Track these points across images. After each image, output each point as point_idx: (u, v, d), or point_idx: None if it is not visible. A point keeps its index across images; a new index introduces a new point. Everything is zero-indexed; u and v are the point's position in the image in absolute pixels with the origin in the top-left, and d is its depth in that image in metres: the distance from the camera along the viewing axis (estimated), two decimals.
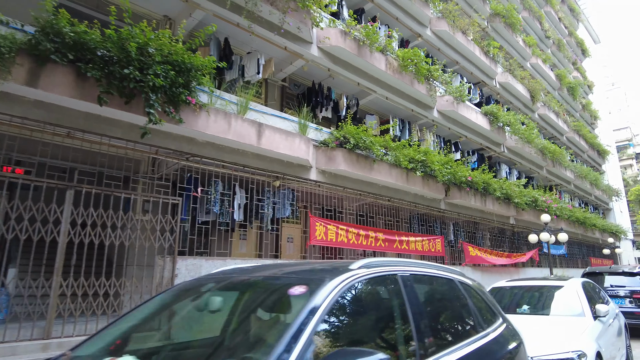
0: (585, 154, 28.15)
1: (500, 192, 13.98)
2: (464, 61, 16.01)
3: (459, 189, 12.65)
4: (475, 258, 13.22)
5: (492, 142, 16.49)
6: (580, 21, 34.79)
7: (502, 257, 14.73)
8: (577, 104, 27.62)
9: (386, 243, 10.29)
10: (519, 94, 19.10)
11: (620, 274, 9.28)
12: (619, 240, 29.67)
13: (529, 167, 19.55)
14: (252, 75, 9.21)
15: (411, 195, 11.59)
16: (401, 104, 12.52)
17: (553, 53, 26.55)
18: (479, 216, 14.40)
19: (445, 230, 13.77)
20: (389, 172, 10.30)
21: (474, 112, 14.75)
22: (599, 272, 9.61)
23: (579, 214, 20.62)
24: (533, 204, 16.31)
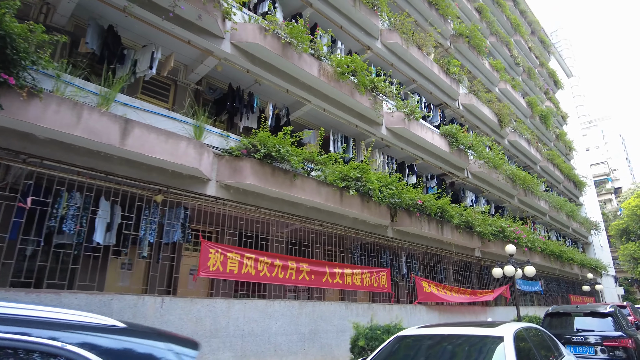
0: (561, 184, 27.07)
1: (459, 219, 12.44)
2: (421, 79, 14.87)
3: (409, 214, 11.07)
4: (430, 295, 11.45)
5: (454, 166, 15.11)
6: (552, 53, 34.82)
7: (464, 295, 12.96)
8: (551, 133, 26.82)
9: (312, 276, 8.52)
10: (485, 117, 18.00)
11: (589, 315, 7.63)
12: (599, 277, 28.16)
13: (499, 196, 18.16)
14: (144, 71, 7.70)
15: (349, 220, 9.94)
16: (343, 118, 11.11)
17: (524, 81, 25.95)
18: (436, 247, 12.75)
19: (397, 263, 12.06)
20: (317, 190, 8.70)
21: (430, 132, 13.42)
22: (564, 312, 7.93)
23: (554, 247, 19.11)
24: (500, 234, 14.77)
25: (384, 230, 10.88)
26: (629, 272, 41.88)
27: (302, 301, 8.09)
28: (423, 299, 11.23)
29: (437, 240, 12.73)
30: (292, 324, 7.76)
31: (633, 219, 40.19)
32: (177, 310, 6.28)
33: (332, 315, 8.54)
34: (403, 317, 10.29)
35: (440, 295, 11.84)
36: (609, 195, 55.47)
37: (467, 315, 12.88)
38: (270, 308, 7.49)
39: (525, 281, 17.97)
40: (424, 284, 11.39)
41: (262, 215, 8.54)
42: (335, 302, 8.78)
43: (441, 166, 14.65)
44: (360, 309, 9.28)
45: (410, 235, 11.69)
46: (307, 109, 10.78)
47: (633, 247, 39.37)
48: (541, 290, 19.42)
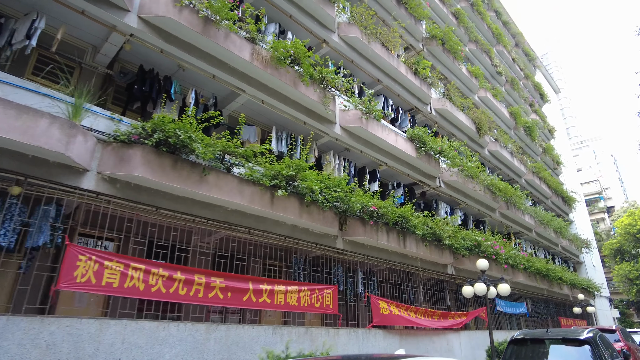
0: (549, 200, 25.76)
1: (423, 230, 11.00)
2: (387, 80, 13.68)
3: (362, 222, 9.65)
4: (388, 318, 9.89)
5: (424, 174, 13.76)
6: (537, 67, 34.12)
7: (432, 318, 11.41)
8: (537, 146, 25.68)
9: (228, 294, 7.01)
10: (461, 124, 16.79)
11: (563, 342, 6.13)
12: (592, 298, 26.56)
13: (478, 209, 16.78)
14: (21, 42, 6.39)
15: (287, 228, 8.49)
16: (287, 113, 9.80)
17: (507, 92, 24.98)
18: (400, 262, 11.26)
19: (352, 279, 10.54)
20: (238, 190, 7.28)
21: (393, 134, 12.13)
22: (532, 339, 6.43)
23: (539, 265, 17.61)
24: (476, 249, 13.31)
25: (332, 240, 9.42)
26: (625, 294, 40.23)
27: (210, 324, 6.56)
28: (379, 321, 9.67)
29: (400, 254, 11.26)
30: (195, 352, 6.21)
31: (627, 237, 38.86)
32: (18, 333, 4.77)
33: (254, 342, 7.00)
34: (352, 343, 8.75)
35: (404, 317, 10.29)
36: (602, 215, 54.21)
37: (436, 340, 11.29)
38: (163, 331, 5.96)
39: (508, 302, 16.41)
40: (381, 304, 9.85)
41: (178, 222, 7.12)
42: (260, 326, 7.24)
43: (409, 173, 13.30)
44: (295, 333, 7.73)
45: (366, 248, 10.22)
46: (243, 100, 9.48)
47: (628, 267, 37.90)
48: (527, 312, 17.81)
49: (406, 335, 10.37)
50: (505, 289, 9.90)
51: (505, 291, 9.90)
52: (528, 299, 20.14)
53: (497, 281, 10.26)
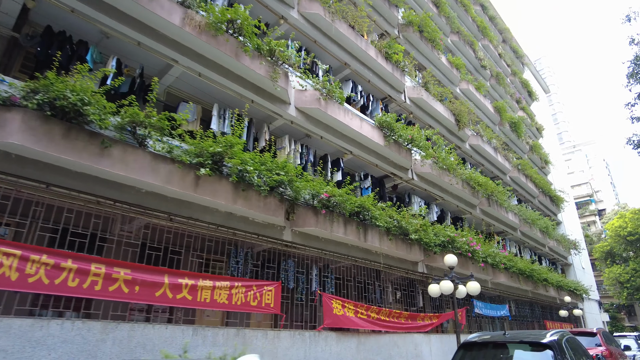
0: (536, 199, 24.89)
1: (385, 222, 10.01)
2: (355, 64, 12.74)
3: (314, 212, 8.65)
4: (342, 319, 8.88)
5: (395, 165, 12.79)
6: (526, 65, 33.39)
7: (398, 320, 10.40)
8: (524, 143, 24.84)
9: (136, 288, 5.97)
10: (439, 115, 15.87)
11: (521, 347, 5.13)
12: (581, 301, 25.66)
13: (456, 205, 15.82)
14: None
15: (220, 215, 7.48)
16: (229, 89, 8.80)
17: (493, 87, 24.16)
18: (361, 257, 10.26)
19: (306, 277, 9.53)
20: (152, 167, 6.26)
21: (358, 119, 11.17)
22: (485, 343, 5.43)
23: (522, 265, 16.67)
24: (449, 245, 12.34)
25: (279, 232, 8.40)
26: (615, 297, 39.41)
27: (109, 322, 5.52)
28: (332, 323, 8.65)
29: (362, 250, 10.26)
30: (84, 356, 5.18)
31: (617, 240, 38.10)
32: None
33: (167, 344, 5.96)
34: (297, 347, 7.73)
35: (359, 320, 9.27)
36: (593, 217, 53.55)
37: (402, 344, 10.28)
38: (40, 331, 4.92)
39: (487, 304, 15.44)
40: (334, 304, 8.83)
41: (92, 206, 6.10)
42: (176, 326, 6.21)
43: (377, 164, 12.33)
44: (222, 335, 6.70)
45: (320, 241, 9.21)
46: (178, 72, 8.48)
47: (618, 270, 37.11)
48: (508, 315, 16.85)
49: (366, 338, 9.35)
50: (475, 288, 8.91)
51: (474, 290, 8.92)
52: (512, 301, 19.21)
53: (464, 279, 9.28)
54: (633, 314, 45.77)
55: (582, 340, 9.28)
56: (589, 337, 9.31)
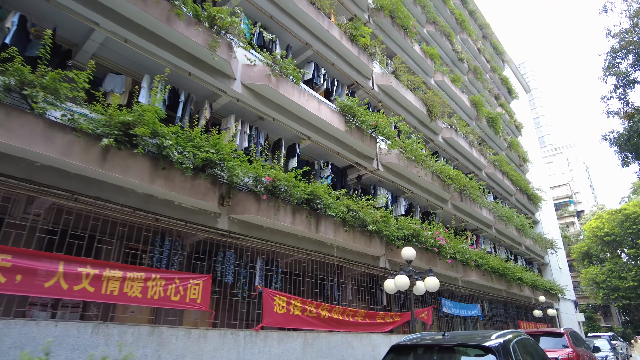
0: (514, 197, 24.39)
1: (339, 211, 9.16)
2: (318, 44, 11.88)
3: (255, 197, 7.74)
4: (285, 318, 7.99)
5: (358, 154, 11.96)
6: (506, 62, 33.04)
7: (353, 318, 9.55)
8: (501, 140, 24.32)
9: (17, 277, 4.98)
10: (409, 105, 15.11)
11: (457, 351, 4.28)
12: (557, 301, 25.30)
13: (426, 199, 15.08)
14: None
15: (136, 197, 6.51)
16: (164, 59, 7.83)
17: (470, 81, 23.59)
18: (313, 250, 9.38)
19: (248, 270, 8.61)
20: (45, 135, 5.28)
21: (316, 101, 10.30)
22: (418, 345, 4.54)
23: (495, 262, 16.02)
24: (413, 239, 11.56)
25: (212, 219, 7.47)
26: (592, 298, 39.42)
27: None
28: (272, 322, 7.75)
29: (315, 241, 9.39)
30: None
31: (594, 240, 38.10)
32: None
33: (55, 345, 4.98)
34: (228, 349, 6.81)
35: (308, 318, 8.40)
36: (572, 218, 53.80)
37: (357, 346, 9.43)
38: None
39: (457, 303, 14.74)
40: (277, 300, 7.93)
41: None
42: (71, 323, 5.23)
43: (339, 151, 11.48)
44: (131, 334, 5.73)
45: (264, 231, 8.31)
46: (101, 38, 7.48)
47: (595, 271, 37.08)
48: (480, 315, 16.19)
49: (314, 338, 8.47)
50: (433, 283, 8.11)
51: (432, 286, 8.12)
52: (485, 301, 18.59)
53: (422, 274, 8.47)
54: (609, 315, 46.01)
55: (548, 341, 8.60)
56: (555, 338, 8.61)
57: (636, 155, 16.50)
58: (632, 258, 36.05)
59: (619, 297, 35.21)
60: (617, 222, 36.39)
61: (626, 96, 15.60)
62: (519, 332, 4.90)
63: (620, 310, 43.52)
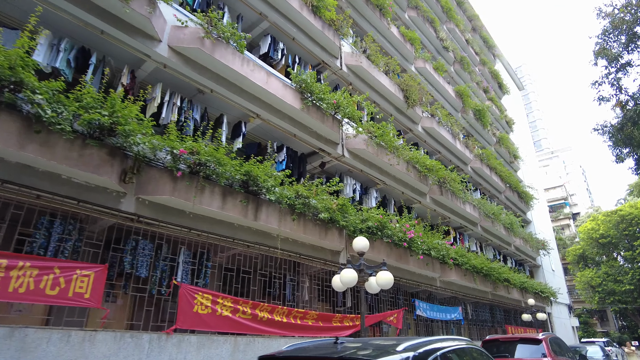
0: (503, 194, 23.16)
1: (282, 196, 7.91)
2: (275, 16, 10.67)
3: (170, 175, 6.48)
4: (210, 319, 6.71)
5: (320, 137, 10.73)
6: (497, 57, 31.91)
7: (302, 321, 8.27)
8: (489, 134, 23.11)
9: None
10: (383, 89, 13.89)
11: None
12: (549, 304, 24.01)
13: (401, 191, 13.82)
14: None
15: (5, 167, 5.24)
16: (67, 12, 6.57)
17: (457, 72, 22.42)
18: (253, 242, 8.10)
19: (167, 263, 7.33)
20: None
21: (264, 72, 9.07)
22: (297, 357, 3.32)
23: (477, 261, 14.75)
24: (378, 231, 10.29)
25: (115, 199, 6.20)
26: (587, 302, 38.11)
27: None
28: (190, 324, 6.47)
29: (257, 232, 8.12)
30: None
31: (589, 243, 36.87)
32: None
33: None
34: (127, 355, 5.52)
35: (240, 320, 7.11)
36: (567, 221, 52.56)
37: None
38: None
39: (433, 306, 13.45)
40: (198, 299, 6.65)
41: None
42: None
43: (296, 133, 10.24)
44: None
45: (187, 217, 7.04)
46: None
47: (590, 274, 35.82)
48: (461, 318, 14.90)
49: (247, 344, 7.18)
50: (385, 279, 6.83)
51: (385, 282, 6.83)
52: (469, 304, 17.31)
53: (375, 268, 7.19)
54: (605, 320, 44.69)
55: (524, 349, 7.34)
56: (532, 346, 7.33)
57: (630, 148, 15.30)
58: (629, 261, 34.82)
59: (615, 301, 33.93)
60: (612, 223, 35.20)
61: (619, 82, 14.41)
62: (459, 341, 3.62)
63: (616, 315, 42.22)
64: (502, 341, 7.56)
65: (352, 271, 6.77)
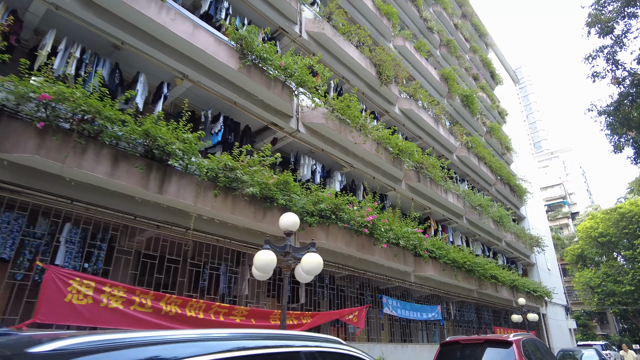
0: (493, 187, 21.69)
1: (200, 166, 6.51)
2: None
3: (37, 130, 5.08)
4: (90, 312, 5.29)
5: (267, 107, 9.31)
6: (490, 46, 30.49)
7: (223, 320, 6.83)
8: (478, 123, 21.67)
9: None
10: (351, 62, 12.49)
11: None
12: (543, 305, 22.49)
13: (372, 176, 12.40)
14: None
15: None
16: None
17: (443, 56, 21.03)
18: (165, 221, 6.69)
19: (40, 241, 5.91)
20: None
21: (189, 24, 7.67)
22: None
23: (457, 254, 13.30)
24: (332, 215, 8.86)
25: None
26: (586, 303, 36.54)
27: None
28: (60, 318, 5.05)
29: (169, 209, 6.70)
30: None
31: (588, 241, 35.35)
32: None
33: None
34: None
35: (133, 314, 5.69)
36: (566, 220, 50.97)
37: None
38: None
39: (405, 303, 12.00)
40: (74, 285, 5.23)
41: None
42: None
43: (236, 100, 8.83)
44: None
45: (67, 185, 5.63)
46: None
47: (589, 274, 34.28)
48: (440, 318, 13.42)
49: None
50: (312, 263, 5.40)
51: (311, 266, 5.41)
52: (452, 303, 15.85)
53: (305, 250, 5.76)
54: (605, 322, 43.06)
55: (492, 354, 5.89)
56: (500, 350, 5.87)
57: (627, 135, 13.87)
58: (629, 260, 33.26)
59: (614, 302, 32.35)
60: (612, 221, 33.68)
61: (614, 55, 12.99)
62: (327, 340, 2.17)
63: (617, 318, 40.61)
64: (464, 344, 6.12)
65: (269, 253, 5.35)
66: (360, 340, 11.66)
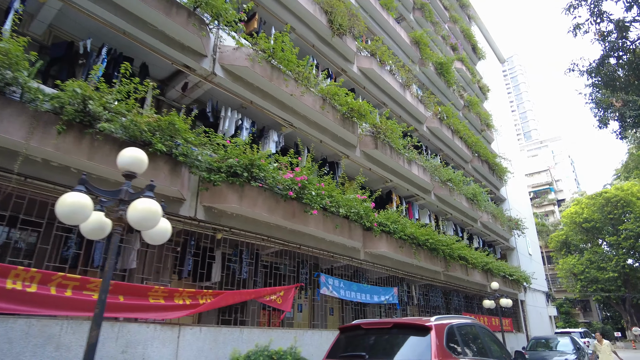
0: (470, 164, 20.16)
1: (35, 92, 4.78)
2: None
3: None
4: None
5: (166, 38, 7.54)
6: (472, 19, 28.78)
7: (86, 297, 5.19)
8: (455, 95, 20.05)
9: None
10: (296, 5, 10.74)
11: None
12: (521, 290, 21.19)
13: (319, 139, 10.76)
14: None
15: None
16: None
17: (417, 21, 19.29)
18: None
19: None
20: None
21: None
22: None
23: (417, 230, 11.76)
24: (245, 173, 7.20)
25: None
26: (569, 290, 35.58)
27: None
28: None
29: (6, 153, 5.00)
30: None
31: (572, 227, 34.24)
32: None
33: None
34: None
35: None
36: (552, 207, 49.96)
37: (72, 343, 5.08)
38: None
39: (350, 283, 10.44)
40: None
41: None
42: None
43: (126, 30, 7.07)
44: None
45: None
46: None
47: (573, 261, 33.24)
48: (396, 302, 11.93)
49: None
50: (143, 212, 3.75)
51: (141, 216, 3.76)
52: (417, 286, 14.41)
53: (140, 194, 4.11)
54: (588, 310, 42.29)
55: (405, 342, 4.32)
56: (413, 337, 4.29)
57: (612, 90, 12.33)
58: (613, 247, 32.21)
59: (597, 289, 31.36)
60: (597, 207, 32.54)
61: (599, 5, 11.39)
62: None
63: (600, 305, 39.83)
64: (368, 329, 4.54)
65: (81, 196, 3.67)
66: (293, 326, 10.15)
